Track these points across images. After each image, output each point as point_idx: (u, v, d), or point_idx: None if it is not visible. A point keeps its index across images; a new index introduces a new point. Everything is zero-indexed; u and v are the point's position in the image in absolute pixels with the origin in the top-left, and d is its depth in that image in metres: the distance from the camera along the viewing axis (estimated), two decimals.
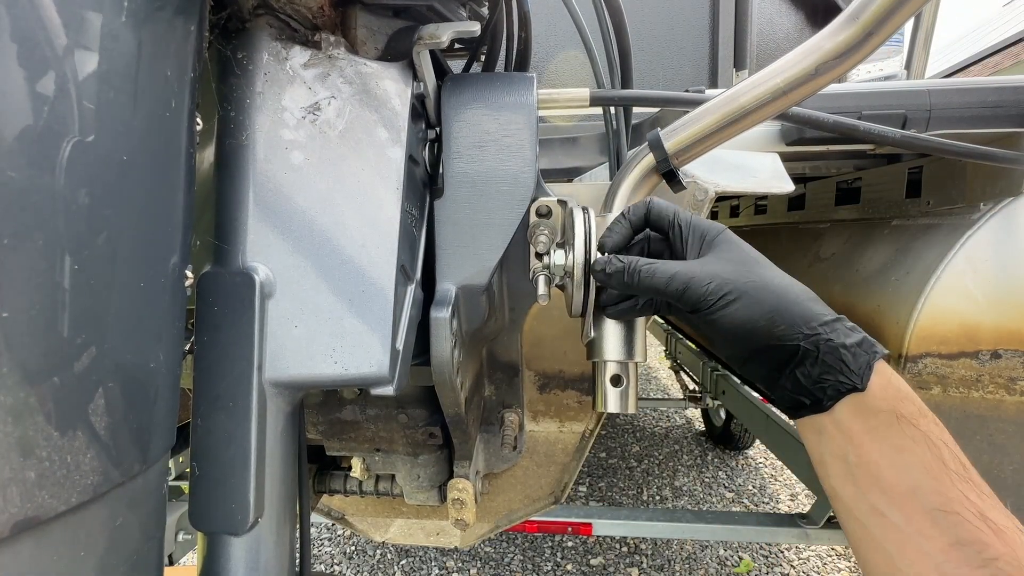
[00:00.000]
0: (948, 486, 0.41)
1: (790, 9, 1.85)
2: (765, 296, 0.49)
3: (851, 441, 0.46)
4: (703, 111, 0.63)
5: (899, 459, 0.43)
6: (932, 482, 0.41)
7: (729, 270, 0.51)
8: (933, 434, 0.43)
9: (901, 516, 0.42)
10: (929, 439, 0.43)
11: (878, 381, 0.46)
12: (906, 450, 0.43)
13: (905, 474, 0.43)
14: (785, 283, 0.50)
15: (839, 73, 0.55)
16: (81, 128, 0.33)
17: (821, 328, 0.47)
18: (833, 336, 0.47)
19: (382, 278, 0.52)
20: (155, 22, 0.38)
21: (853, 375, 0.46)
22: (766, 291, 0.49)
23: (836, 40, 0.53)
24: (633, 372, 0.63)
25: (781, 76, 0.57)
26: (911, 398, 0.45)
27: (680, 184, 0.67)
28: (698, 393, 3.09)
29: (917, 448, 0.43)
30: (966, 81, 0.98)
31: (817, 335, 0.47)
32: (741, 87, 0.60)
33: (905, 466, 0.43)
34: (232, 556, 0.49)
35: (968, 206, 1.02)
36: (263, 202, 0.51)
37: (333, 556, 2.62)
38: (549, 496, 1.06)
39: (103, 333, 0.35)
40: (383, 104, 0.56)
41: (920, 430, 0.43)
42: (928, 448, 0.43)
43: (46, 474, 0.32)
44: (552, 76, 1.62)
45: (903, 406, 0.45)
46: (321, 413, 0.82)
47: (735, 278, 0.50)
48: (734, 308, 0.50)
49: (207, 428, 0.48)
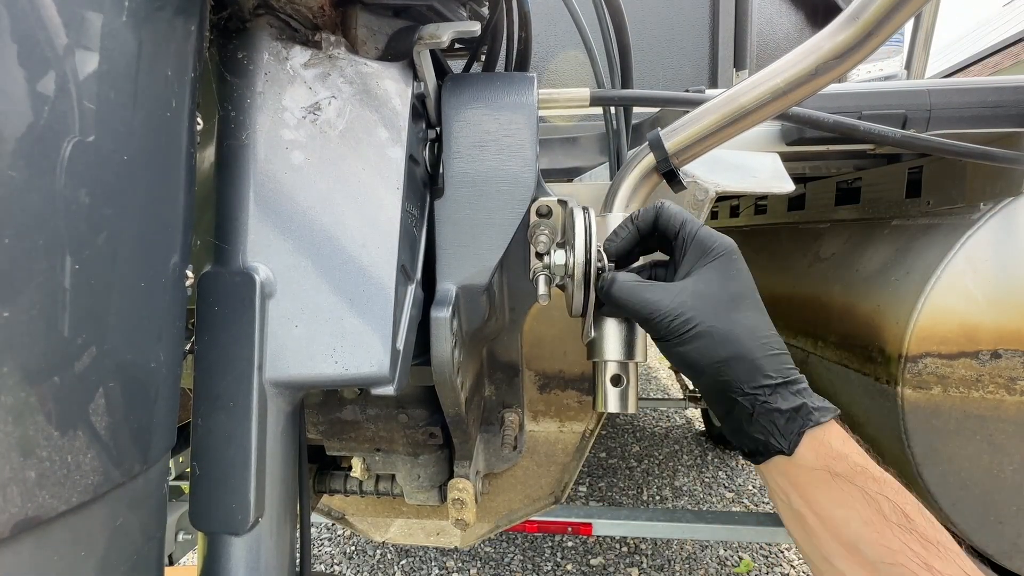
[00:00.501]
0: (890, 538, 0.42)
1: (790, 9, 1.85)
2: (723, 344, 0.49)
3: (792, 491, 0.48)
4: (703, 111, 0.63)
5: (838, 512, 0.45)
6: (873, 534, 0.42)
7: (701, 305, 0.51)
8: (870, 489, 0.44)
9: (846, 565, 0.44)
10: (866, 494, 0.44)
11: (810, 444, 0.47)
12: (844, 504, 0.44)
13: (845, 526, 0.44)
14: (747, 334, 0.50)
15: (839, 73, 0.55)
16: (81, 128, 0.33)
17: (761, 390, 0.48)
18: (770, 400, 0.48)
19: (382, 278, 0.52)
20: (155, 22, 0.38)
21: (781, 440, 0.47)
22: (726, 339, 0.49)
23: (836, 40, 0.53)
24: (633, 372, 0.63)
25: (781, 76, 0.57)
26: (845, 457, 0.46)
27: (680, 184, 0.66)
28: (698, 393, 3.09)
29: (856, 503, 0.44)
30: (966, 81, 0.98)
31: (755, 396, 0.48)
32: (741, 87, 0.60)
33: (845, 519, 0.44)
34: (232, 556, 0.49)
35: (968, 206, 1.02)
36: (263, 202, 0.51)
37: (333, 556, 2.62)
38: (549, 496, 1.06)
39: (103, 333, 0.35)
40: (383, 104, 0.56)
41: (856, 486, 0.44)
42: (867, 503, 0.44)
43: (46, 474, 0.32)
44: (552, 76, 1.62)
45: (836, 465, 0.46)
46: (321, 413, 0.82)
47: (703, 317, 0.50)
48: (690, 348, 0.51)
49: (207, 428, 0.48)
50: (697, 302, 0.51)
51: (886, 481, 0.45)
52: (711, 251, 0.54)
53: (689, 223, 0.56)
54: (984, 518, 0.99)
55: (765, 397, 0.48)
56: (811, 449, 0.47)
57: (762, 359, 0.49)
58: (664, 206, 0.58)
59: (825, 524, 0.45)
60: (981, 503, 0.98)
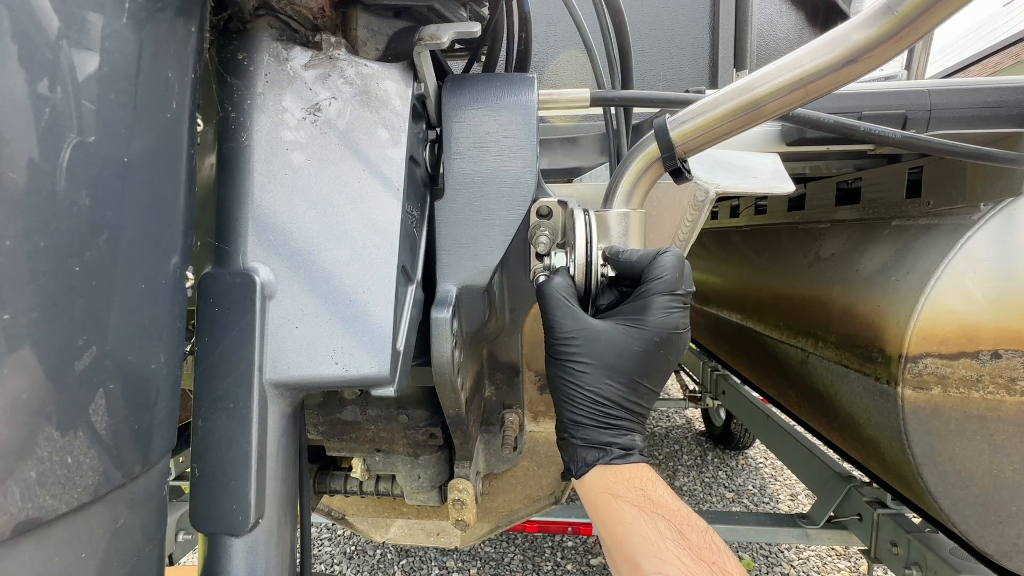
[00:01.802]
0: (663, 551, 0.47)
1: (790, 9, 1.85)
2: (569, 388, 0.56)
3: (591, 511, 0.56)
4: (712, 101, 0.59)
5: (619, 529, 0.51)
6: (649, 548, 0.47)
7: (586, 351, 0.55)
8: (647, 509, 0.50)
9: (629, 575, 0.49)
10: (643, 513, 0.50)
11: (599, 474, 0.54)
12: (625, 523, 0.50)
13: (626, 541, 0.50)
14: (594, 392, 0.55)
15: (868, 69, 0.50)
16: (82, 129, 0.33)
17: (575, 427, 0.56)
18: (577, 436, 0.56)
19: (383, 279, 0.52)
20: (156, 23, 0.38)
21: (572, 464, 0.57)
22: (577, 385, 0.56)
23: (867, 32, 0.48)
24: None
25: (802, 68, 0.52)
26: (629, 484, 0.53)
27: (684, 177, 0.63)
28: (698, 393, 3.09)
29: (634, 521, 0.50)
30: (966, 81, 0.97)
31: (562, 434, 0.58)
32: (755, 78, 0.56)
33: (625, 535, 0.50)
34: (233, 557, 0.49)
35: (968, 206, 1.02)
36: (264, 203, 0.51)
37: (333, 556, 2.62)
38: (549, 496, 1.06)
39: (104, 334, 0.35)
40: (384, 105, 0.56)
41: (634, 506, 0.51)
42: (644, 522, 0.49)
43: (47, 475, 0.32)
44: (552, 76, 1.62)
45: (618, 489, 0.52)
46: (321, 413, 0.82)
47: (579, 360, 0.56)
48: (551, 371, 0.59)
49: (208, 429, 0.48)
50: (586, 347, 0.56)
51: (671, 509, 0.50)
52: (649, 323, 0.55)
53: (661, 283, 0.55)
54: (984, 518, 0.99)
55: (574, 432, 0.56)
56: (599, 477, 0.54)
57: (587, 409, 0.55)
58: (664, 256, 0.57)
59: (612, 539, 0.51)
60: (981, 503, 0.98)
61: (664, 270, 0.55)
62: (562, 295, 0.58)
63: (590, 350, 0.55)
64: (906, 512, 1.54)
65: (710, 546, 0.47)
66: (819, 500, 1.80)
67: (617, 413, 0.55)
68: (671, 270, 0.55)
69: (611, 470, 0.54)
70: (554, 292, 0.59)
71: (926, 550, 1.40)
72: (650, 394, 0.57)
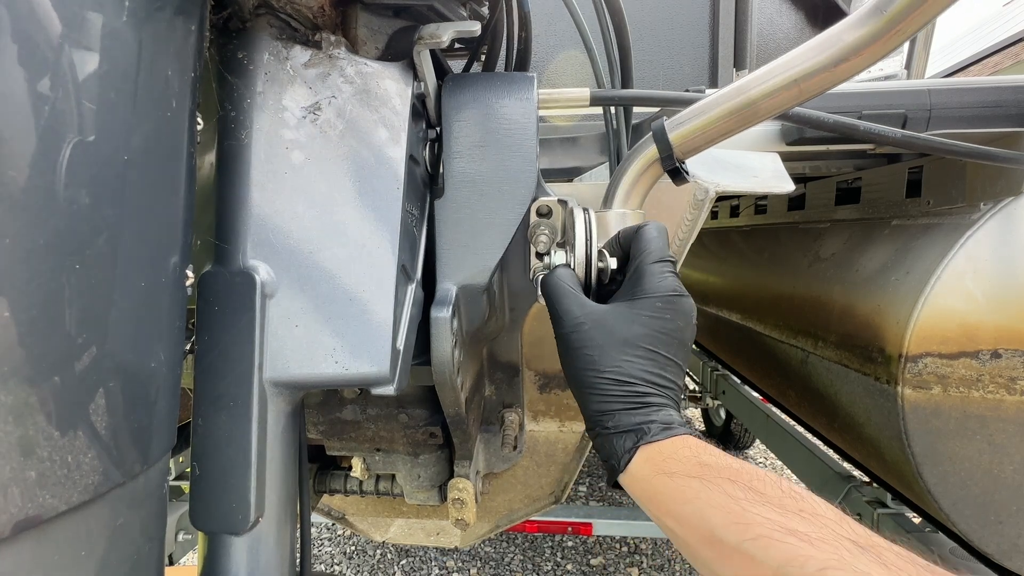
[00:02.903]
0: (743, 514, 0.41)
1: (790, 9, 1.85)
2: (589, 376, 0.54)
3: (648, 505, 0.51)
4: (709, 103, 0.60)
5: (686, 509, 0.45)
6: (727, 516, 0.41)
7: (597, 336, 0.54)
8: (707, 477, 0.45)
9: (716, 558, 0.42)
10: (704, 483, 0.45)
11: (644, 457, 0.50)
12: (690, 500, 0.45)
13: (697, 518, 0.44)
14: (614, 372, 0.53)
15: (860, 69, 0.51)
16: (82, 128, 0.33)
17: (604, 416, 0.53)
18: (609, 425, 0.53)
19: (383, 278, 0.52)
20: (156, 22, 0.38)
21: (615, 459, 0.52)
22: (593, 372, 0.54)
23: (858, 33, 0.49)
24: None
25: (795, 69, 0.53)
26: (680, 457, 0.48)
27: (683, 178, 0.64)
28: (698, 393, 3.09)
29: (700, 493, 0.44)
30: (966, 81, 0.97)
31: (594, 428, 0.55)
32: (751, 79, 0.57)
33: (695, 512, 0.44)
34: (233, 556, 0.49)
35: (968, 206, 1.02)
36: (263, 202, 0.51)
37: (333, 556, 2.62)
38: (549, 496, 1.06)
39: (104, 333, 0.35)
40: (384, 104, 0.56)
41: (694, 478, 0.45)
42: (710, 490, 0.44)
43: (47, 474, 0.32)
44: (552, 76, 1.62)
45: (670, 466, 0.48)
46: (321, 413, 0.82)
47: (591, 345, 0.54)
48: (565, 362, 0.57)
49: (208, 428, 0.48)
50: (595, 330, 0.55)
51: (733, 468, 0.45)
52: (646, 291, 0.55)
53: (647, 254, 0.57)
54: (984, 518, 0.99)
55: (606, 423, 0.53)
56: (645, 461, 0.50)
57: (612, 391, 0.53)
58: (645, 228, 0.59)
59: (682, 525, 0.45)
60: (981, 503, 0.98)
61: (649, 242, 0.58)
62: (567, 284, 0.59)
63: (600, 331, 0.55)
64: (906, 512, 1.54)
65: (790, 495, 0.41)
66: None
67: (643, 389, 0.53)
68: (655, 240, 0.58)
69: (656, 449, 0.50)
70: (559, 282, 0.59)
71: (926, 550, 1.40)
72: (672, 365, 0.55)
